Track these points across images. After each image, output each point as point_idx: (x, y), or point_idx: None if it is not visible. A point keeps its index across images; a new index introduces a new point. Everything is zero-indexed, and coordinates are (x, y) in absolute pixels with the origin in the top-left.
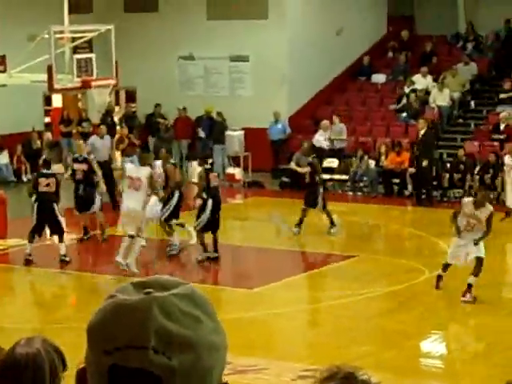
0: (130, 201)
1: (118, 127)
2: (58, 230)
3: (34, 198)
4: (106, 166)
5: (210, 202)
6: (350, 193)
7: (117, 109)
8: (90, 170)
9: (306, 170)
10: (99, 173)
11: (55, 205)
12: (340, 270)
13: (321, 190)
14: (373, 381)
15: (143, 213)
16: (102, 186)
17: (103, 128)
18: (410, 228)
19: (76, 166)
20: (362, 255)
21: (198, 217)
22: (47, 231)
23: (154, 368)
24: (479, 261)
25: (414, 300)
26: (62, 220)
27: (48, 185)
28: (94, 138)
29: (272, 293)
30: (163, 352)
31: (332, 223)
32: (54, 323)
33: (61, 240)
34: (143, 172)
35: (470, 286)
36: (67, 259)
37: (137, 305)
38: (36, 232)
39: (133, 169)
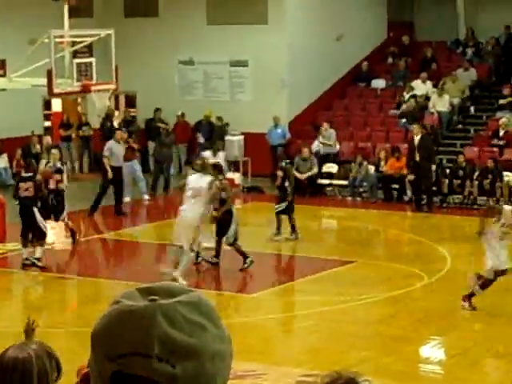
0: (188, 211)
1: (117, 132)
2: (39, 235)
3: (16, 202)
4: (120, 172)
5: (234, 211)
6: (350, 198)
7: (116, 113)
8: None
9: (305, 175)
10: (65, 182)
11: (35, 209)
12: (339, 275)
13: (290, 197)
14: None
15: (197, 222)
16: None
17: (120, 133)
18: (409, 233)
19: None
20: (361, 260)
21: (226, 229)
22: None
23: (157, 376)
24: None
25: (413, 305)
26: (44, 224)
27: (27, 189)
28: (112, 143)
29: (271, 298)
30: (167, 360)
31: (278, 230)
32: (50, 327)
33: (41, 243)
34: (204, 180)
35: (472, 294)
36: (40, 264)
37: (141, 312)
38: (25, 236)
39: (194, 179)
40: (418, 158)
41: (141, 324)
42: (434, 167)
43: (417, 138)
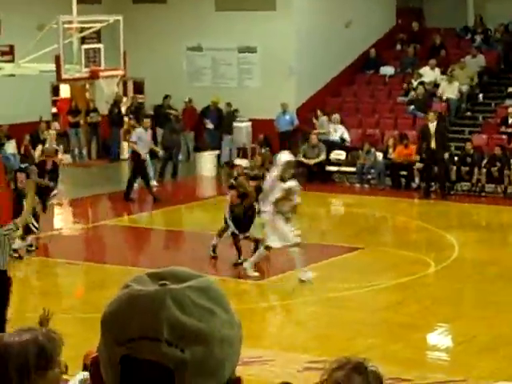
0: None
1: (125, 118)
2: (25, 230)
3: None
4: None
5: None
6: (358, 185)
7: (124, 99)
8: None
9: (313, 161)
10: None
11: (25, 202)
12: (346, 261)
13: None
14: (381, 372)
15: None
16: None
17: (148, 121)
18: (417, 221)
19: (46, 156)
20: (368, 247)
21: (248, 226)
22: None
23: (167, 360)
24: None
25: (420, 292)
26: (33, 221)
27: (22, 181)
28: (140, 131)
29: (279, 284)
30: (176, 344)
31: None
32: (58, 313)
33: (23, 236)
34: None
35: None
36: (16, 255)
37: (151, 296)
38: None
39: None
40: (433, 145)
41: (150, 308)
42: (447, 155)
43: (432, 125)
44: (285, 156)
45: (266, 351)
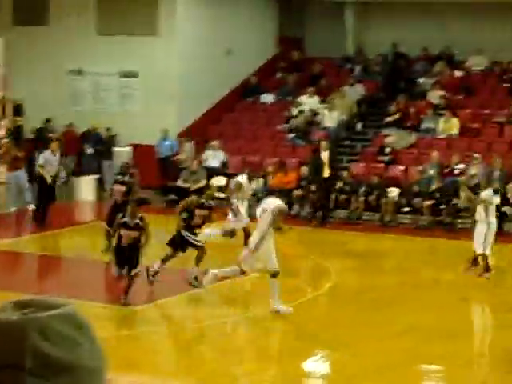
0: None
1: (2, 140)
2: None
3: None
4: (52, 181)
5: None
6: None
7: (3, 122)
8: None
9: (195, 186)
10: None
11: None
12: (224, 289)
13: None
14: None
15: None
16: None
17: (56, 144)
18: (295, 248)
19: None
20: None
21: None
22: None
23: None
24: None
25: (298, 320)
26: None
27: None
28: (47, 154)
29: (156, 311)
30: (40, 375)
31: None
32: None
33: None
34: (272, 203)
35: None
36: None
37: (13, 325)
38: None
39: (267, 201)
40: (326, 174)
41: (13, 337)
42: (342, 183)
43: (325, 154)
44: (275, 201)
45: (141, 377)
